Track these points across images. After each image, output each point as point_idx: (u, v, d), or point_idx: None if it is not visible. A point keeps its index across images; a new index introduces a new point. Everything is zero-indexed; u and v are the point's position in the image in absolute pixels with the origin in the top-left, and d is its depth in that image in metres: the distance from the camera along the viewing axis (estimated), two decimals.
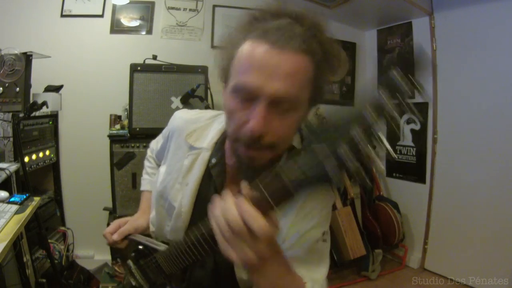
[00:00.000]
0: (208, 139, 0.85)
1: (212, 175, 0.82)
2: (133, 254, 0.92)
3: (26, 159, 1.95)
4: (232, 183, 0.81)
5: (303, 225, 0.75)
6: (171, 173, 0.87)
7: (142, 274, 0.89)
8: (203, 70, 2.38)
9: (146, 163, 1.15)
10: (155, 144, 1.10)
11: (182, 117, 0.92)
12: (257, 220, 0.52)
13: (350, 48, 3.41)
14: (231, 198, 0.55)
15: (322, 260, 0.82)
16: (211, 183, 0.82)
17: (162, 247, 0.83)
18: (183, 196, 0.83)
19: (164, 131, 1.01)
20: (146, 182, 1.11)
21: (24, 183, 1.85)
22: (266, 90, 0.63)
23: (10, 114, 1.86)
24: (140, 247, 0.90)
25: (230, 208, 0.54)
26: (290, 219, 0.75)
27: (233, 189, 0.64)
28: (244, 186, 0.56)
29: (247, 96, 0.65)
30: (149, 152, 1.14)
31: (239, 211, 0.53)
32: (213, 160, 0.83)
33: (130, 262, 0.92)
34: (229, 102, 0.69)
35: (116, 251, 0.99)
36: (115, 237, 0.93)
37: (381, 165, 0.50)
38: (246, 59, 0.66)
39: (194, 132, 0.86)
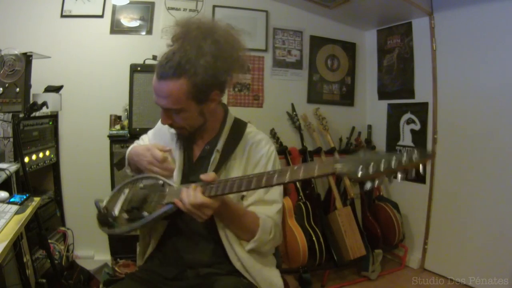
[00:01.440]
0: None
1: (185, 144, 1.22)
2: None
3: (26, 159, 1.95)
4: (195, 147, 1.22)
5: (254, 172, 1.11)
6: (160, 138, 1.28)
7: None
8: None
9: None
10: (141, 140, 1.40)
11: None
12: (202, 200, 0.96)
13: (350, 48, 3.42)
14: (192, 190, 0.98)
15: (275, 200, 1.17)
16: (186, 148, 1.22)
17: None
18: (176, 161, 1.19)
19: (150, 133, 1.39)
20: (132, 146, 1.32)
21: (24, 184, 1.84)
22: (159, 103, 1.08)
23: (10, 115, 1.85)
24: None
25: (190, 195, 0.97)
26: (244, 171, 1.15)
27: (195, 152, 1.22)
28: (197, 185, 1.00)
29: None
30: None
31: (194, 195, 0.97)
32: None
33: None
34: None
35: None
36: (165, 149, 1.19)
37: (388, 183, 0.76)
38: (153, 84, 1.07)
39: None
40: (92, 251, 2.71)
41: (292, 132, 3.16)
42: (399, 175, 0.74)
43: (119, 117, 2.55)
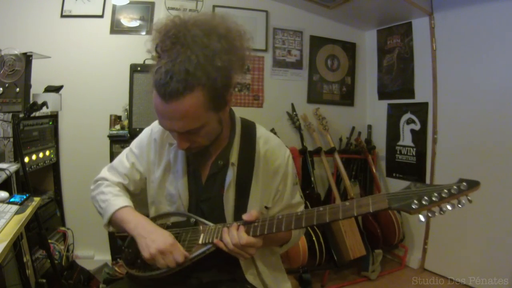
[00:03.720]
0: None
1: (189, 158, 1.09)
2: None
3: (26, 159, 1.95)
4: (203, 162, 1.09)
5: (275, 182, 1.09)
6: (163, 169, 1.10)
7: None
8: None
9: (108, 189, 1.12)
10: (119, 165, 1.17)
11: (159, 128, 1.11)
12: (247, 241, 0.90)
13: (350, 48, 3.42)
14: (235, 230, 0.92)
15: (300, 202, 1.17)
16: (191, 165, 1.09)
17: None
18: (177, 182, 1.08)
19: (135, 149, 1.17)
20: (122, 199, 1.08)
21: (24, 184, 1.85)
22: (173, 129, 0.92)
23: (10, 115, 1.85)
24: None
25: (234, 236, 0.91)
26: (265, 184, 1.08)
27: (204, 167, 1.08)
28: (239, 224, 0.94)
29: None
30: (106, 182, 1.15)
31: (238, 236, 0.91)
32: None
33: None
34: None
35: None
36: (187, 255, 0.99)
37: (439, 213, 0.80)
38: (155, 107, 0.90)
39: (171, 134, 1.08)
40: (92, 251, 2.71)
41: (292, 132, 3.16)
42: (448, 206, 0.79)
43: (119, 117, 2.55)
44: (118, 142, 2.30)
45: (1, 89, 1.87)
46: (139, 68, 2.31)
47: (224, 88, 0.89)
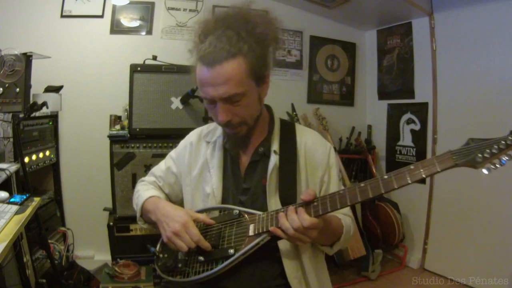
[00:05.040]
0: (218, 131, 1.14)
1: (227, 149, 1.10)
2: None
3: (26, 159, 1.94)
4: (242, 152, 1.09)
5: (318, 173, 1.06)
6: (200, 168, 1.11)
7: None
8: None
9: (141, 186, 1.19)
10: (157, 169, 1.25)
11: (196, 131, 1.21)
12: (310, 222, 0.83)
13: (350, 48, 3.42)
14: (293, 213, 0.85)
15: None
16: (228, 156, 1.10)
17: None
18: (211, 179, 1.07)
19: (172, 154, 1.23)
20: (152, 192, 1.13)
21: (24, 184, 1.84)
22: (216, 95, 0.92)
23: (10, 115, 1.85)
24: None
25: (295, 220, 0.84)
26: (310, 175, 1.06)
27: (243, 157, 1.08)
28: (295, 206, 0.88)
29: (209, 101, 0.97)
30: (144, 182, 1.24)
31: (300, 218, 0.83)
32: (225, 139, 1.10)
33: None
34: (205, 105, 1.03)
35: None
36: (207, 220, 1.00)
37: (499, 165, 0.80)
38: (198, 80, 0.96)
39: (209, 133, 1.17)
40: (92, 251, 2.71)
41: None
42: (506, 157, 0.79)
43: (119, 117, 2.54)
44: (118, 142, 2.30)
45: (1, 89, 1.87)
46: (139, 68, 2.31)
47: (263, 60, 0.96)
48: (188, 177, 1.14)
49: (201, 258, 0.95)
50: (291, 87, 3.20)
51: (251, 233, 0.92)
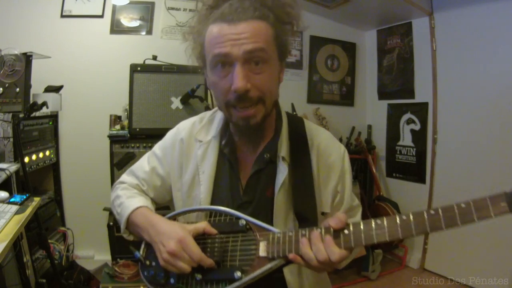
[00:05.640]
0: (213, 129, 0.95)
1: (225, 154, 0.91)
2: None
3: (26, 159, 1.95)
4: (242, 158, 0.91)
5: (331, 182, 0.91)
6: (192, 172, 0.93)
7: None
8: (203, 70, 2.38)
9: (123, 192, 0.98)
10: (138, 169, 1.02)
11: (186, 125, 0.99)
12: (339, 256, 0.68)
13: (350, 48, 3.42)
14: (320, 242, 0.69)
15: (358, 204, 0.99)
16: (226, 163, 0.91)
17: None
18: (201, 184, 0.90)
19: (157, 151, 1.01)
20: (138, 200, 0.93)
21: (24, 184, 1.85)
22: (237, 51, 0.75)
23: (10, 115, 1.85)
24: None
25: (321, 251, 0.68)
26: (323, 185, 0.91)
27: (244, 164, 0.89)
28: (320, 231, 0.71)
29: (224, 63, 0.77)
30: (123, 184, 1.02)
31: (328, 252, 0.68)
32: (223, 142, 0.92)
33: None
34: (212, 78, 0.83)
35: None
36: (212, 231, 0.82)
37: None
38: (213, 38, 0.77)
39: (201, 129, 0.96)
40: (92, 251, 2.71)
41: None
42: None
43: (119, 117, 2.54)
44: (118, 142, 2.30)
45: (1, 89, 1.87)
46: (139, 68, 2.31)
47: (286, 35, 0.84)
48: (179, 181, 0.95)
49: (199, 276, 0.78)
50: (291, 87, 3.20)
51: (262, 253, 0.75)
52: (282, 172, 0.85)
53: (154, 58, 2.45)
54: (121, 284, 2.07)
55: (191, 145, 0.95)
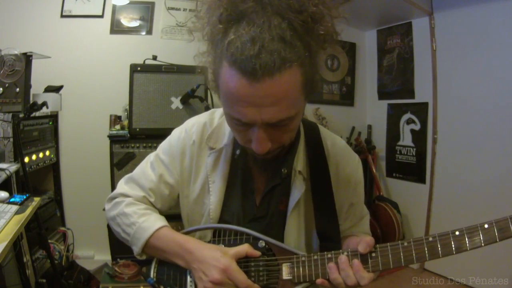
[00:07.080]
0: (226, 136, 0.86)
1: (238, 164, 0.85)
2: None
3: (26, 159, 1.95)
4: (257, 172, 0.85)
5: (347, 194, 0.87)
6: (202, 181, 0.87)
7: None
8: (203, 70, 2.38)
9: (132, 209, 0.85)
10: (141, 177, 0.90)
11: (197, 128, 0.89)
12: (368, 280, 0.69)
13: (350, 48, 3.42)
14: (348, 267, 0.70)
15: (367, 211, 0.97)
16: (238, 174, 0.85)
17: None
18: (211, 194, 0.84)
19: (163, 156, 0.90)
20: (154, 218, 0.84)
21: (24, 184, 1.85)
22: (259, 119, 0.64)
23: (10, 115, 1.85)
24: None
25: (350, 276, 0.69)
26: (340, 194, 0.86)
27: (259, 177, 0.83)
28: (348, 255, 0.72)
29: (242, 123, 0.67)
30: (127, 199, 0.88)
31: (357, 277, 0.69)
32: (237, 152, 0.85)
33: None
34: (228, 121, 0.73)
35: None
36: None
37: None
38: (230, 93, 0.64)
39: (212, 134, 0.87)
40: (92, 251, 2.71)
41: None
42: None
43: (119, 117, 2.54)
44: (118, 142, 2.30)
45: (1, 89, 1.87)
46: (139, 68, 2.31)
47: (317, 65, 0.68)
48: (187, 188, 0.88)
49: None
50: None
51: (286, 276, 0.74)
52: (299, 189, 0.81)
53: (154, 58, 2.45)
54: (121, 284, 2.07)
55: (202, 150, 0.87)
